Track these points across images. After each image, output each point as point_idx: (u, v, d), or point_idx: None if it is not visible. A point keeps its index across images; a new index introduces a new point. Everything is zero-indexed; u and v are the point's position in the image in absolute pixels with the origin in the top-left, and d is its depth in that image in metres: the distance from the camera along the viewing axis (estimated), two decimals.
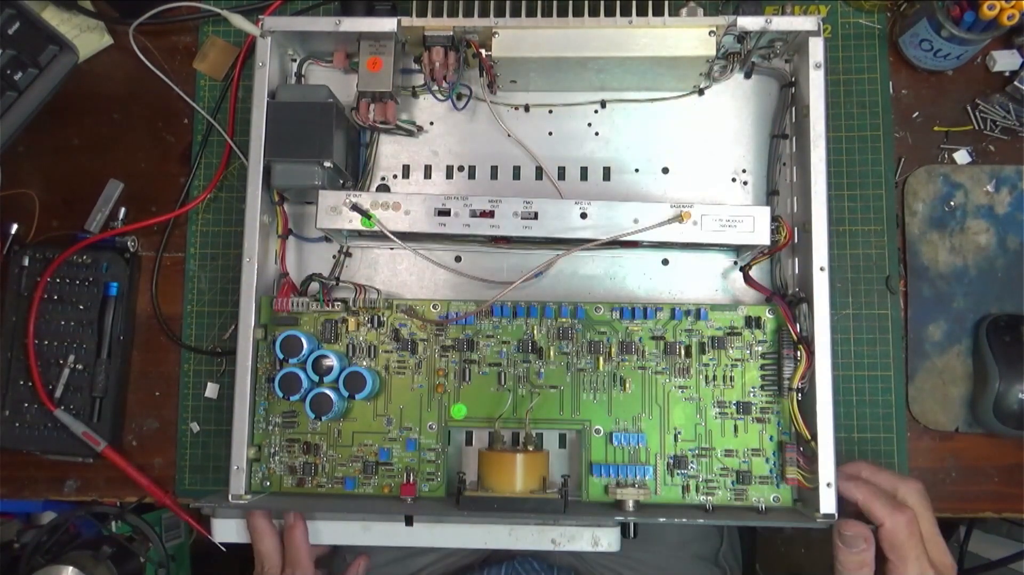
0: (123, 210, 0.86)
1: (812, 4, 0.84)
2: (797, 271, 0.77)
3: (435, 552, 0.98)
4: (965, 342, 0.80)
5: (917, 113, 0.83)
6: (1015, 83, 0.81)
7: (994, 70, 0.83)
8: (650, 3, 0.74)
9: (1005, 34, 0.79)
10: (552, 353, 0.76)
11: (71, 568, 0.78)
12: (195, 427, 0.84)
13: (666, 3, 0.74)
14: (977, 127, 0.83)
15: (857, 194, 0.82)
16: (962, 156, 0.82)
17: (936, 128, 0.83)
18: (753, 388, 0.75)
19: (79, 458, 0.83)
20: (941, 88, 0.84)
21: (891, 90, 0.83)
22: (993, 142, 0.83)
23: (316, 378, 0.75)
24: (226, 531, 0.78)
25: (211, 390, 0.84)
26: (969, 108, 0.83)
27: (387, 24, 0.76)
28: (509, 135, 0.82)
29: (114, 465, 0.82)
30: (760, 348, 0.75)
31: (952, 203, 0.81)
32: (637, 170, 0.82)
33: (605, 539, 0.75)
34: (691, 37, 0.73)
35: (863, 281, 0.81)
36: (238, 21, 0.79)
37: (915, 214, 0.81)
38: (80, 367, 0.83)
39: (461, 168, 0.83)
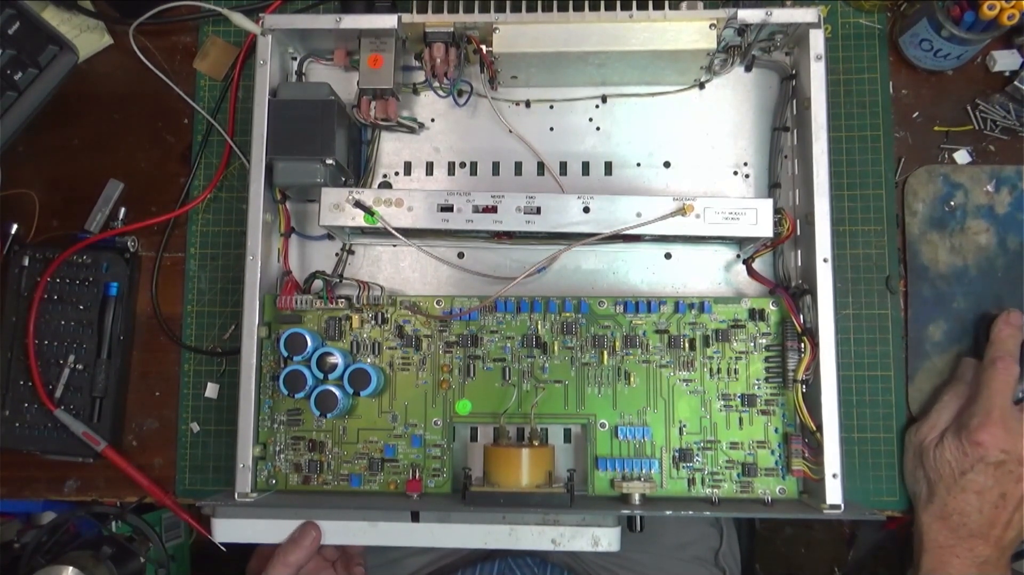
0: (123, 210, 0.86)
1: (812, 4, 0.84)
2: (800, 263, 0.77)
3: (432, 552, 0.98)
4: (965, 342, 0.80)
5: (917, 113, 0.84)
6: (1015, 83, 0.81)
7: (994, 70, 0.83)
8: None
9: (1005, 34, 0.79)
10: (556, 348, 0.76)
11: (71, 568, 0.77)
12: (195, 427, 0.84)
13: None
14: (977, 127, 0.83)
15: (857, 194, 0.82)
16: (962, 156, 0.83)
17: (936, 128, 0.83)
18: (757, 380, 0.75)
19: (79, 458, 0.83)
20: (941, 88, 0.84)
21: (891, 90, 0.84)
22: (993, 142, 0.83)
23: (320, 375, 0.74)
24: (226, 531, 0.77)
25: (211, 390, 0.84)
26: (969, 108, 0.83)
27: (388, 21, 0.76)
28: (510, 131, 0.82)
29: (114, 465, 0.81)
30: (764, 340, 0.75)
31: (952, 203, 0.81)
32: (639, 164, 0.82)
33: (605, 539, 0.75)
34: (691, 30, 0.73)
35: (863, 281, 0.81)
36: (239, 19, 0.79)
37: (915, 214, 0.82)
38: (80, 367, 0.82)
39: (463, 164, 0.83)
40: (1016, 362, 0.74)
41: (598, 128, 0.83)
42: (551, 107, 0.83)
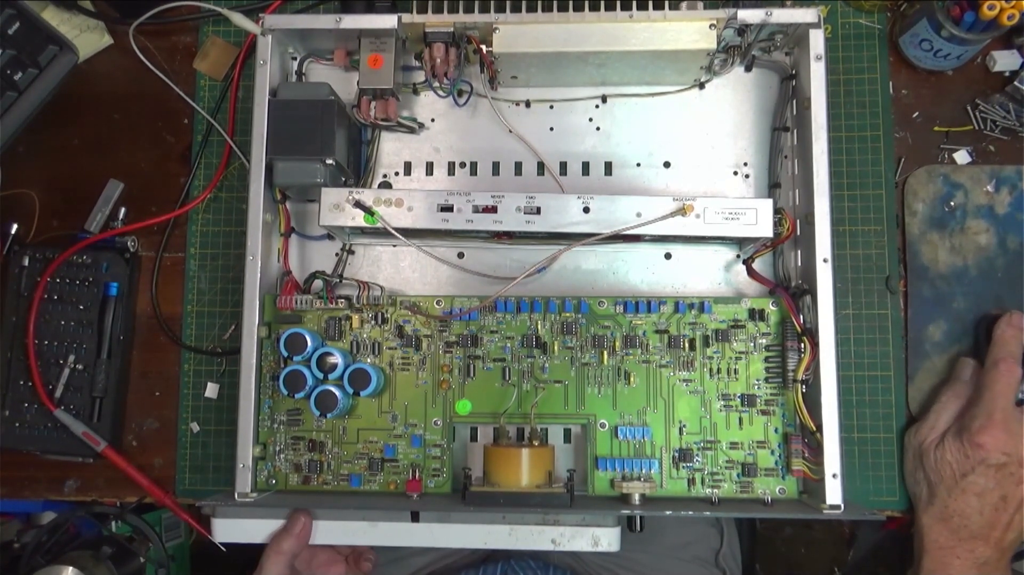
0: (123, 210, 0.86)
1: (812, 4, 0.84)
2: (800, 263, 0.77)
3: (434, 552, 0.98)
4: (965, 342, 0.80)
5: (917, 113, 0.84)
6: (1015, 83, 0.81)
7: (994, 70, 0.83)
8: None
9: (1005, 34, 0.79)
10: (556, 348, 0.76)
11: (71, 568, 0.77)
12: (195, 427, 0.83)
13: None
14: (977, 127, 0.83)
15: (857, 194, 0.82)
16: (962, 156, 0.83)
17: (936, 128, 0.83)
18: (757, 380, 0.75)
19: (79, 458, 0.83)
20: (941, 88, 0.84)
21: (891, 90, 0.83)
22: (993, 142, 0.83)
23: (320, 375, 0.74)
24: (226, 531, 0.78)
25: (211, 390, 0.84)
26: (969, 108, 0.83)
27: (388, 21, 0.76)
28: (510, 131, 0.82)
29: (114, 465, 0.81)
30: (764, 340, 0.75)
31: (952, 203, 0.81)
32: (639, 164, 0.82)
33: (605, 539, 0.75)
34: (691, 31, 0.73)
35: (863, 281, 0.81)
36: (239, 19, 0.79)
37: (915, 214, 0.82)
38: (80, 367, 0.82)
39: (463, 164, 0.83)
40: (1018, 364, 0.74)
41: (598, 128, 0.83)
42: (551, 107, 0.83)
